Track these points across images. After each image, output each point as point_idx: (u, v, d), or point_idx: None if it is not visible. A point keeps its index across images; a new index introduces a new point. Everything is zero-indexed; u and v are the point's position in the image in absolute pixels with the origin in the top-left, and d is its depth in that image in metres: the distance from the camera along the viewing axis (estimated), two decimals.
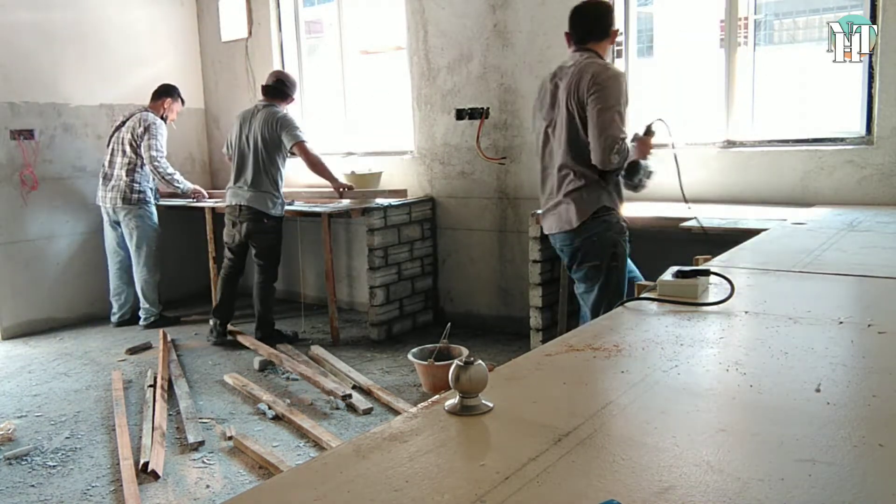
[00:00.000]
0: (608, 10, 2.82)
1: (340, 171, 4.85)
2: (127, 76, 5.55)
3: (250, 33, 5.76)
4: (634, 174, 2.81)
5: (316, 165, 4.43)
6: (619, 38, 4.10)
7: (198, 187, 5.34)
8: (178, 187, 5.12)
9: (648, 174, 2.86)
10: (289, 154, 4.46)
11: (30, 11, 5.02)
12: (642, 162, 2.82)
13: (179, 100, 5.20)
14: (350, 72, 5.41)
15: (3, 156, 4.94)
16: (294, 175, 5.20)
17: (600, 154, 2.64)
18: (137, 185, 4.98)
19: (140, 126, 4.95)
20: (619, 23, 4.09)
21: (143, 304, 5.12)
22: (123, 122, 5.04)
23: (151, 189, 5.10)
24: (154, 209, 5.12)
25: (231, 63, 5.95)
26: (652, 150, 2.89)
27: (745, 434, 1.01)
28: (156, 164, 4.94)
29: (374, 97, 5.50)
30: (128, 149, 4.96)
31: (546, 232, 2.98)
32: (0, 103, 4.91)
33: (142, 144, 4.93)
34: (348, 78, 5.41)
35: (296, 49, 5.72)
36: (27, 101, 5.04)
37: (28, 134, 5.03)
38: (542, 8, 4.24)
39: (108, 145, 5.06)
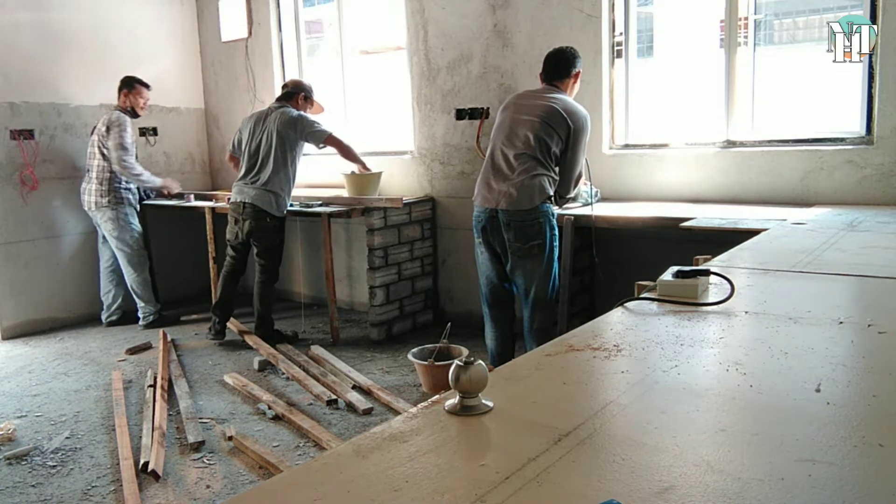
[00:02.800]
0: (573, 57, 3.40)
1: (340, 172, 4.86)
2: (126, 76, 5.55)
3: (250, 33, 5.76)
4: (579, 198, 3.66)
5: (347, 152, 4.56)
6: (619, 38, 4.12)
7: (167, 181, 5.29)
8: (148, 185, 5.12)
9: (585, 200, 3.71)
10: (321, 146, 4.55)
11: (30, 11, 5.02)
12: (582, 191, 3.65)
13: (140, 86, 5.01)
14: (350, 72, 5.41)
15: (3, 156, 4.95)
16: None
17: (568, 186, 3.36)
18: (108, 185, 4.92)
19: (103, 126, 4.93)
20: (619, 23, 4.11)
21: (139, 303, 5.11)
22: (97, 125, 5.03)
23: (128, 190, 5.02)
24: (131, 210, 5.04)
25: (231, 63, 5.95)
26: (589, 185, 3.69)
27: (745, 434, 1.01)
28: (123, 162, 4.86)
29: (374, 97, 5.49)
30: (96, 151, 4.95)
31: (490, 207, 3.30)
32: (0, 103, 4.91)
33: (108, 144, 4.88)
34: (348, 78, 5.41)
35: (296, 49, 5.72)
36: (27, 101, 5.04)
37: (28, 134, 5.03)
38: (542, 8, 4.24)
39: (88, 148, 5.06)
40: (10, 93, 4.95)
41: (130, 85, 5.00)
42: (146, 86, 5.06)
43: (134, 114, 5.02)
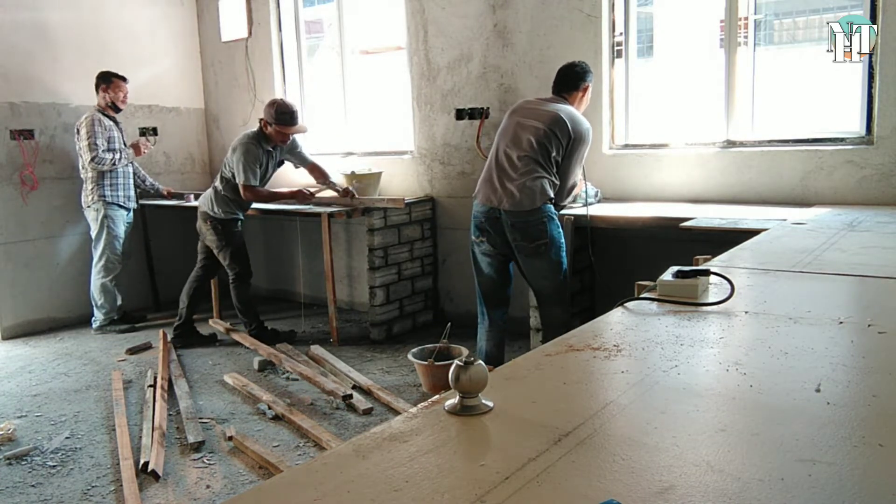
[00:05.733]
0: (583, 71, 3.42)
1: (340, 172, 4.85)
2: (127, 76, 5.55)
3: (250, 33, 5.76)
4: (577, 199, 3.66)
5: (269, 201, 4.57)
6: (619, 38, 4.12)
7: (137, 141, 5.17)
8: (125, 161, 5.00)
9: (586, 200, 3.67)
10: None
11: (30, 11, 5.02)
12: (580, 193, 3.62)
13: (116, 80, 4.92)
14: (350, 72, 5.41)
15: (3, 156, 4.95)
16: (293, 175, 5.20)
17: (564, 195, 3.40)
18: (93, 185, 4.91)
19: (75, 130, 4.93)
20: (619, 23, 4.11)
21: (94, 305, 5.08)
22: None
23: (115, 188, 4.96)
24: (118, 213, 4.99)
25: (231, 63, 5.95)
26: (585, 185, 3.66)
27: (745, 434, 1.01)
28: (93, 162, 4.81)
29: (374, 97, 5.49)
30: (77, 152, 4.96)
31: (493, 206, 3.30)
32: (0, 103, 4.91)
33: (81, 147, 4.87)
34: (348, 78, 5.41)
35: (296, 49, 5.72)
36: (27, 101, 5.04)
37: (28, 134, 5.03)
38: (542, 8, 4.24)
39: None
40: (10, 93, 4.95)
41: (108, 80, 4.92)
42: (123, 78, 4.97)
43: (115, 108, 4.96)
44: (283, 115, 4.30)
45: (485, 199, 3.34)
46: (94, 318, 5.09)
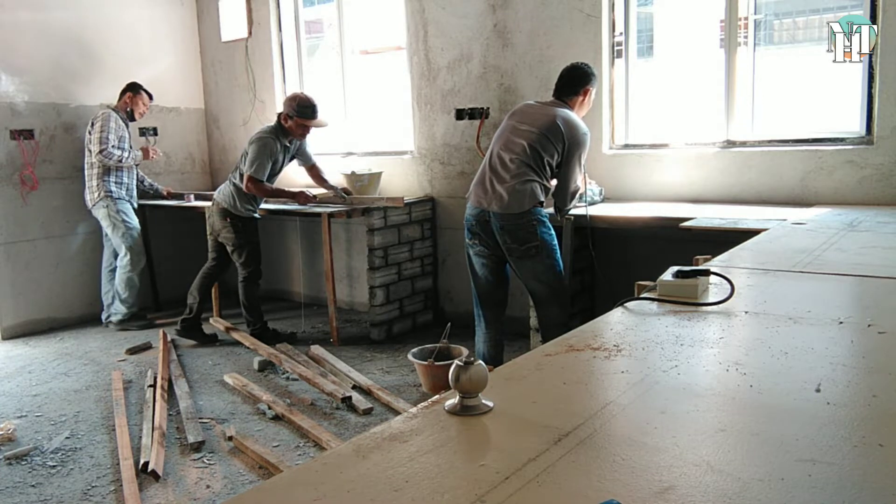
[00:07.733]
0: (584, 74, 3.34)
1: (340, 172, 4.85)
2: (127, 76, 5.52)
3: (250, 33, 5.76)
4: (579, 200, 3.58)
5: (270, 197, 4.54)
6: (619, 38, 4.12)
7: (144, 147, 5.21)
8: (130, 162, 5.03)
9: (591, 199, 3.71)
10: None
11: (30, 11, 5.02)
12: (580, 193, 3.56)
13: (143, 93, 5.06)
14: (350, 72, 5.41)
15: (3, 156, 4.95)
16: (294, 176, 5.20)
17: (564, 199, 3.35)
18: (98, 181, 4.93)
19: (90, 123, 4.95)
20: (619, 23, 4.11)
21: (116, 300, 5.11)
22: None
23: (120, 185, 4.99)
24: (126, 207, 5.04)
25: (231, 63, 5.95)
26: (587, 181, 3.66)
27: (745, 434, 1.01)
28: (101, 154, 4.83)
29: (374, 97, 5.49)
30: (86, 149, 4.98)
31: (483, 208, 3.29)
32: (0, 103, 4.91)
33: (91, 139, 4.90)
34: (348, 78, 5.41)
35: (296, 49, 5.72)
36: (27, 101, 5.04)
37: (28, 134, 5.03)
38: (542, 8, 4.24)
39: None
40: (10, 93, 4.95)
41: (136, 90, 5.05)
42: (150, 95, 5.12)
43: (131, 116, 5.05)
44: (304, 108, 4.31)
45: (476, 202, 3.33)
46: (113, 313, 5.11)
